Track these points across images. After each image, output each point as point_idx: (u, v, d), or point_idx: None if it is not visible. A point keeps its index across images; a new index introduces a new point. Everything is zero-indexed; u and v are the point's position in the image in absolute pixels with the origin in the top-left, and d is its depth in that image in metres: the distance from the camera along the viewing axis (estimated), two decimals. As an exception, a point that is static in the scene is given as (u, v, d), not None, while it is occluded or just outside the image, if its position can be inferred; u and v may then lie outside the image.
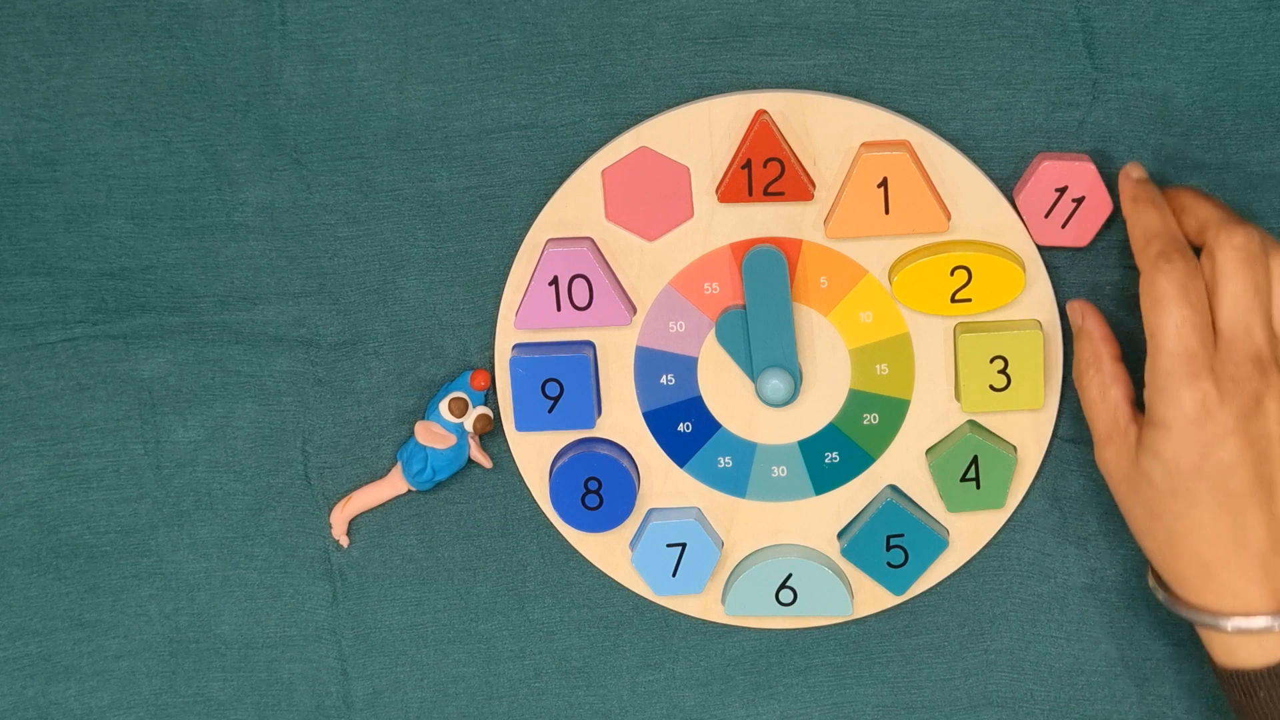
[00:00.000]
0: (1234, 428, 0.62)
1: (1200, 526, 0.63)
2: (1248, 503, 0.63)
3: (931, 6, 0.69)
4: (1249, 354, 0.63)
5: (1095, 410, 0.67)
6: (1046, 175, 0.68)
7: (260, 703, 0.79)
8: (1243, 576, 0.63)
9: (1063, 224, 0.69)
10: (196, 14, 0.70)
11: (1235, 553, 0.63)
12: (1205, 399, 0.62)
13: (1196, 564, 0.64)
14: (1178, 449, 0.63)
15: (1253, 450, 0.62)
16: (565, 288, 0.70)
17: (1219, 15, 0.68)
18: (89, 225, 0.73)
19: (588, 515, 0.73)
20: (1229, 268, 0.63)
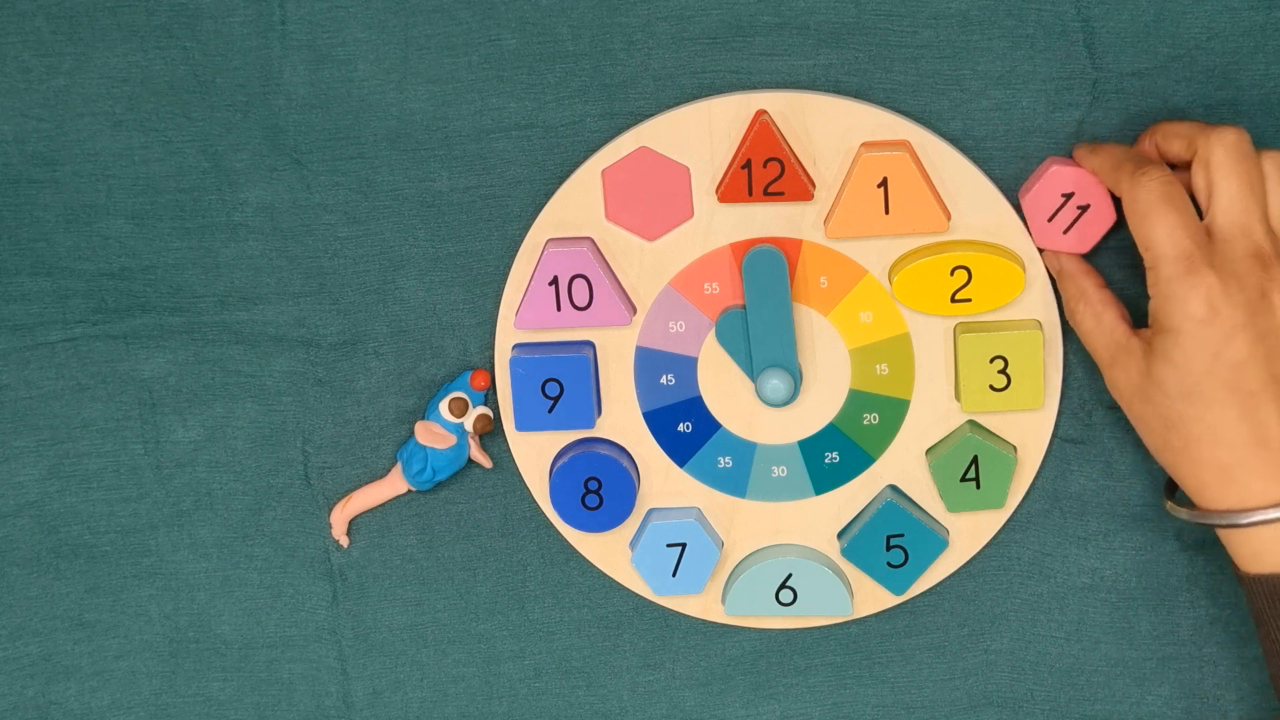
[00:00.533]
0: (1242, 323, 0.61)
1: (1217, 428, 0.62)
2: (1262, 399, 0.62)
3: (931, 6, 0.69)
4: (1249, 250, 0.62)
5: (1094, 337, 0.67)
6: (1055, 180, 0.68)
7: (260, 703, 0.79)
8: (1264, 474, 0.62)
9: (1065, 229, 0.69)
10: (196, 14, 0.70)
11: (1255, 451, 0.62)
12: (1210, 295, 0.61)
13: (1216, 468, 0.63)
14: (1189, 351, 0.62)
15: (1263, 345, 0.62)
16: (565, 288, 0.70)
17: (1219, 15, 0.68)
18: (89, 225, 0.73)
19: (588, 515, 0.73)
20: (1225, 164, 0.63)
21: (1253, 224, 0.62)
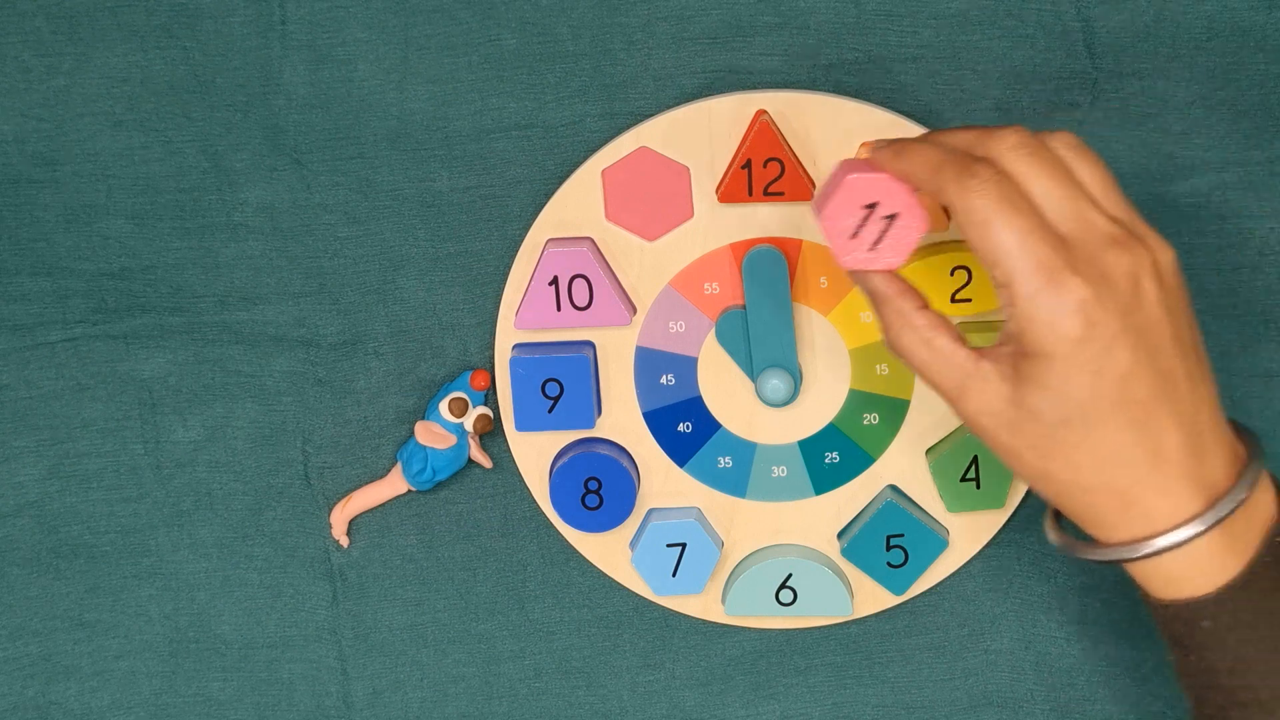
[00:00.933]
0: (1119, 329, 0.54)
1: (1108, 451, 0.55)
2: (1152, 407, 0.54)
3: (931, 6, 0.69)
4: (1101, 240, 0.54)
5: (931, 369, 0.58)
6: (853, 190, 0.59)
7: (260, 703, 0.79)
8: (1166, 490, 0.55)
9: (873, 245, 0.60)
10: (196, 14, 0.70)
11: (1152, 468, 0.55)
12: (1083, 307, 0.53)
13: (1112, 494, 0.55)
14: (1066, 374, 0.54)
15: (1145, 345, 0.54)
16: (565, 288, 0.71)
17: (1219, 15, 0.68)
18: (89, 225, 0.73)
19: (588, 515, 0.73)
20: (1021, 167, 0.55)
21: (1086, 211, 0.55)
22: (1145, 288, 0.55)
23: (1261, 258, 0.71)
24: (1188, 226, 0.71)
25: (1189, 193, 0.71)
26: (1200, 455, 0.56)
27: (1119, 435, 0.55)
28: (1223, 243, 0.71)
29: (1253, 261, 0.71)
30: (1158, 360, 0.55)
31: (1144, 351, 0.54)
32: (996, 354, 0.57)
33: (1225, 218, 0.71)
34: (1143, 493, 0.55)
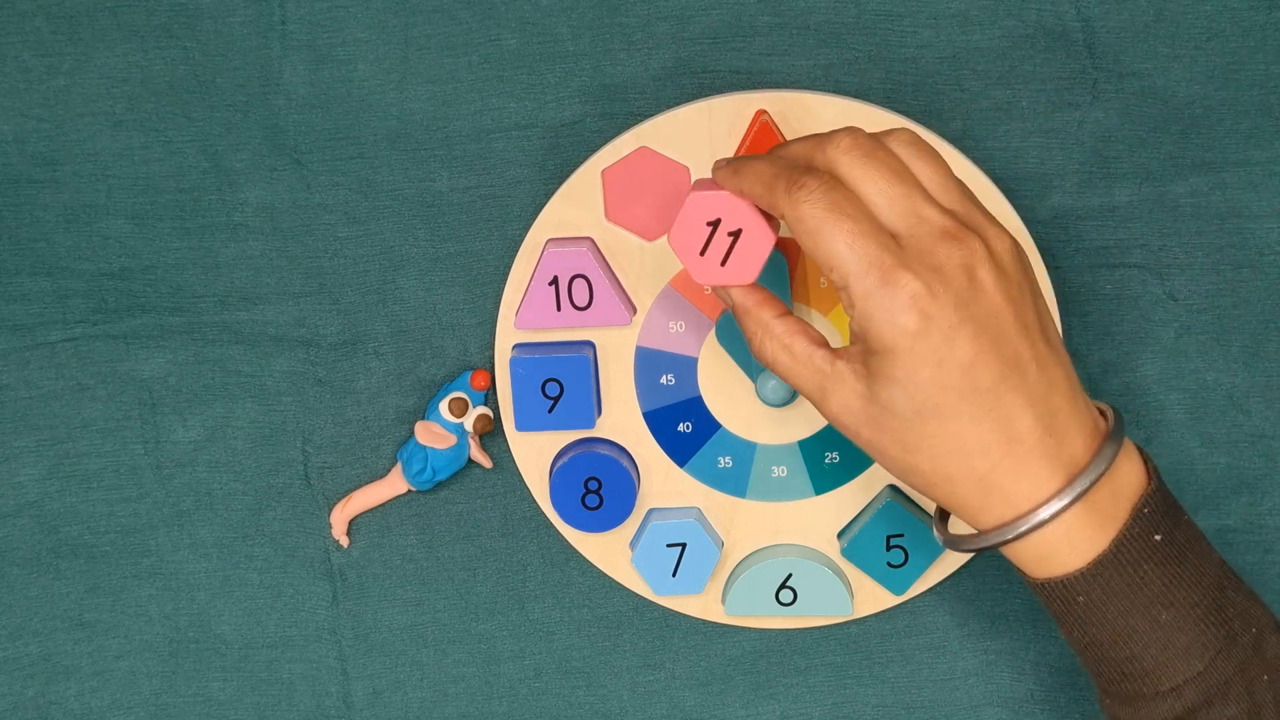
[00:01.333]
0: (957, 319, 0.55)
1: (963, 439, 0.56)
2: (1000, 393, 0.55)
3: (931, 6, 0.69)
4: (934, 234, 0.55)
5: (793, 373, 0.59)
6: (695, 209, 0.60)
7: (260, 703, 0.79)
8: (1024, 473, 0.56)
9: (722, 261, 0.61)
10: (196, 14, 0.70)
11: (1008, 451, 0.56)
12: (916, 301, 0.54)
13: (972, 481, 0.56)
14: (910, 368, 0.55)
15: (986, 334, 0.55)
16: (565, 288, 0.70)
17: (1219, 15, 0.68)
18: (89, 225, 0.73)
19: (588, 515, 0.73)
20: (855, 170, 0.56)
21: (921, 207, 0.56)
22: (981, 277, 0.55)
23: (1261, 258, 0.71)
24: (1187, 226, 0.71)
25: (1189, 193, 0.71)
26: (1056, 435, 0.56)
27: (971, 423, 0.56)
28: (1223, 243, 0.71)
29: (1253, 261, 0.71)
30: (1001, 347, 0.55)
31: (986, 340, 0.55)
32: (849, 353, 0.58)
33: (1225, 218, 0.71)
34: (1001, 477, 0.56)
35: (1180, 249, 0.72)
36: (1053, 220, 0.71)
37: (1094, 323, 0.72)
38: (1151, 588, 0.57)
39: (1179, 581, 0.58)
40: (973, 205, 0.58)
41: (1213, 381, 0.73)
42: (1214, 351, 0.73)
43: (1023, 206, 0.70)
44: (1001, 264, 0.56)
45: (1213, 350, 0.73)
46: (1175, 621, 0.58)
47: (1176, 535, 0.58)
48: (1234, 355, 0.72)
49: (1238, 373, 0.73)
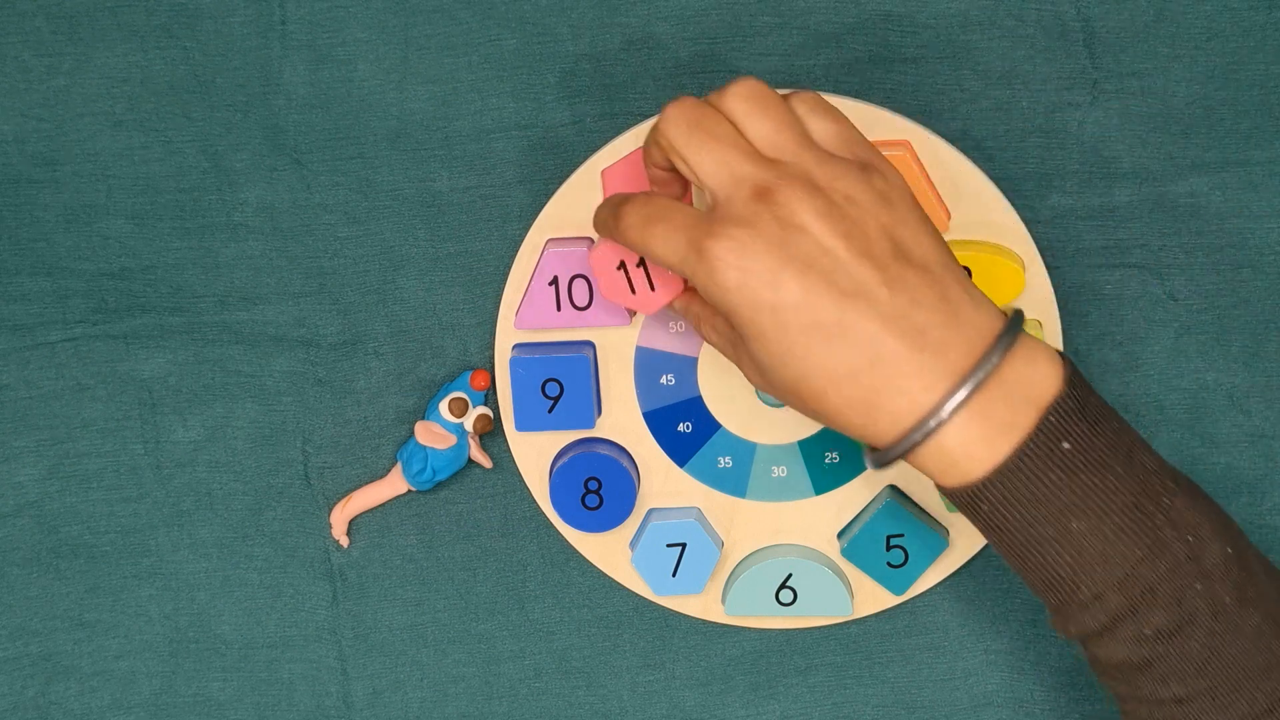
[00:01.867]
0: (777, 264, 0.56)
1: (828, 371, 0.57)
2: (850, 321, 0.56)
3: (931, 6, 0.69)
4: (746, 195, 0.57)
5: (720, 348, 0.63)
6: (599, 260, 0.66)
7: (260, 703, 0.79)
8: (900, 390, 0.57)
9: (652, 287, 0.66)
10: (196, 14, 0.70)
11: (877, 373, 0.57)
12: (727, 260, 0.56)
13: (853, 406, 0.58)
14: (749, 318, 0.57)
15: (814, 271, 0.56)
16: (565, 288, 0.70)
17: (1219, 15, 0.68)
18: (89, 225, 0.73)
19: (588, 515, 0.73)
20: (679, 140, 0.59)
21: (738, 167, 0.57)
22: (802, 221, 0.57)
23: (1261, 258, 0.71)
24: (1187, 226, 0.71)
25: (1189, 193, 0.71)
26: (930, 349, 0.57)
27: (828, 356, 0.57)
28: (1223, 243, 0.71)
29: (1253, 261, 0.71)
30: (836, 279, 0.56)
31: (814, 276, 0.56)
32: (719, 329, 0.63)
33: (1225, 218, 0.71)
34: (878, 397, 0.57)
35: (1180, 249, 0.72)
36: (1053, 220, 0.71)
37: (1094, 323, 0.72)
38: (1059, 496, 0.57)
39: (1091, 490, 0.57)
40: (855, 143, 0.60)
41: (1213, 381, 0.73)
42: (1214, 351, 0.73)
43: (1023, 206, 0.70)
44: (835, 202, 0.57)
45: (1213, 350, 0.73)
46: (1088, 530, 0.57)
47: (1095, 441, 0.58)
48: (1234, 355, 0.72)
49: (1238, 373, 0.73)
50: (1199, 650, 0.58)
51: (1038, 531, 0.58)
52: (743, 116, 0.59)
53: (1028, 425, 0.57)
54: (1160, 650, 0.58)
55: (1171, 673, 0.59)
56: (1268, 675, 0.59)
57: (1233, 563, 0.59)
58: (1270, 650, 0.59)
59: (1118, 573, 0.58)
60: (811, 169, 0.58)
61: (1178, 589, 0.58)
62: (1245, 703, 0.59)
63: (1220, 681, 0.58)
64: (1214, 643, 0.58)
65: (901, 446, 0.57)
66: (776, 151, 0.58)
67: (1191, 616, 0.58)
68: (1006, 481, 0.57)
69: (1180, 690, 0.59)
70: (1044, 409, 0.57)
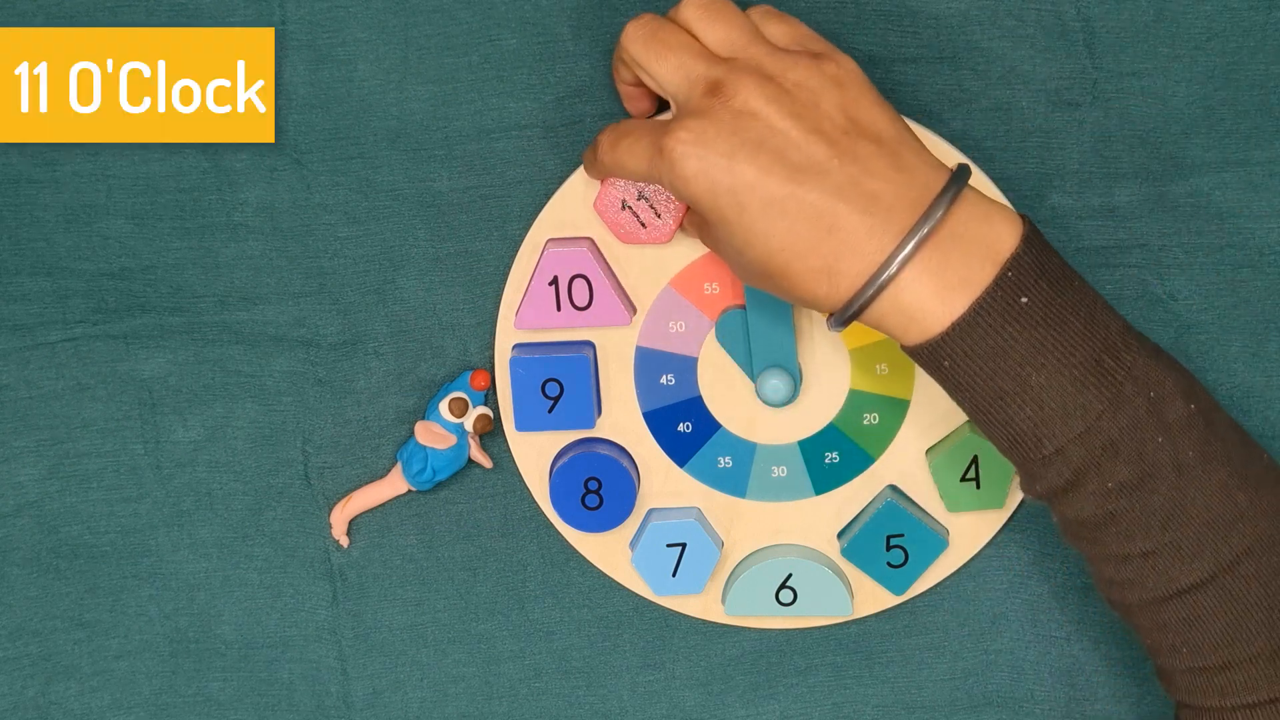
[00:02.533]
0: (730, 148, 0.59)
1: (786, 243, 0.59)
2: (802, 195, 0.59)
3: (931, 6, 0.69)
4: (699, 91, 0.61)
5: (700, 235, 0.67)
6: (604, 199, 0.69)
7: (260, 703, 0.79)
8: (855, 253, 0.59)
9: (657, 216, 0.69)
10: (196, 14, 0.70)
11: (833, 240, 0.59)
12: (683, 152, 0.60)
13: (814, 275, 0.60)
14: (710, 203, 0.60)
15: (765, 151, 0.59)
16: (565, 288, 0.70)
17: (1219, 15, 0.68)
18: (89, 225, 0.73)
19: (588, 515, 0.73)
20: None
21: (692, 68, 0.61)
22: (754, 108, 0.59)
23: (1261, 258, 0.71)
24: (1188, 226, 0.71)
25: (1189, 193, 0.71)
26: (880, 213, 0.59)
27: (785, 231, 0.59)
28: (1223, 243, 0.71)
29: (1253, 261, 0.71)
30: (788, 156, 0.59)
31: (766, 156, 0.59)
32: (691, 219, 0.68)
33: (1225, 218, 0.71)
34: (836, 262, 0.59)
35: (1180, 249, 0.72)
36: (1053, 220, 0.71)
37: (1094, 323, 0.72)
38: (1017, 350, 0.59)
39: (1050, 344, 0.59)
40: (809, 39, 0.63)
41: (1213, 381, 0.73)
42: (1214, 351, 0.73)
43: (1023, 206, 0.70)
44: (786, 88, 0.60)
45: (1213, 350, 0.73)
46: (1047, 384, 0.59)
47: (1056, 298, 0.59)
48: (1234, 355, 0.72)
49: (1238, 373, 0.73)
50: (1162, 504, 0.60)
51: (998, 385, 0.60)
52: (696, 23, 0.62)
53: (985, 280, 0.59)
54: (1124, 505, 0.60)
55: (1136, 527, 0.60)
56: (1233, 527, 0.60)
57: (1196, 419, 0.60)
58: (1235, 503, 0.60)
59: (1078, 426, 0.59)
60: (763, 61, 0.61)
61: (1139, 443, 0.59)
62: (1210, 555, 0.60)
63: (1185, 535, 0.60)
64: (1177, 496, 0.60)
65: (856, 303, 0.59)
66: (730, 50, 0.61)
67: (1154, 470, 0.60)
68: (965, 336, 0.59)
69: (1145, 544, 0.61)
70: (1001, 264, 0.59)
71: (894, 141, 0.60)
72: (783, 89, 0.60)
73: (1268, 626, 0.60)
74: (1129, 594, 0.62)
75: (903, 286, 0.59)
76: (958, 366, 0.60)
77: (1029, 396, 0.59)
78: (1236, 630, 0.60)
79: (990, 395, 0.60)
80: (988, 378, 0.59)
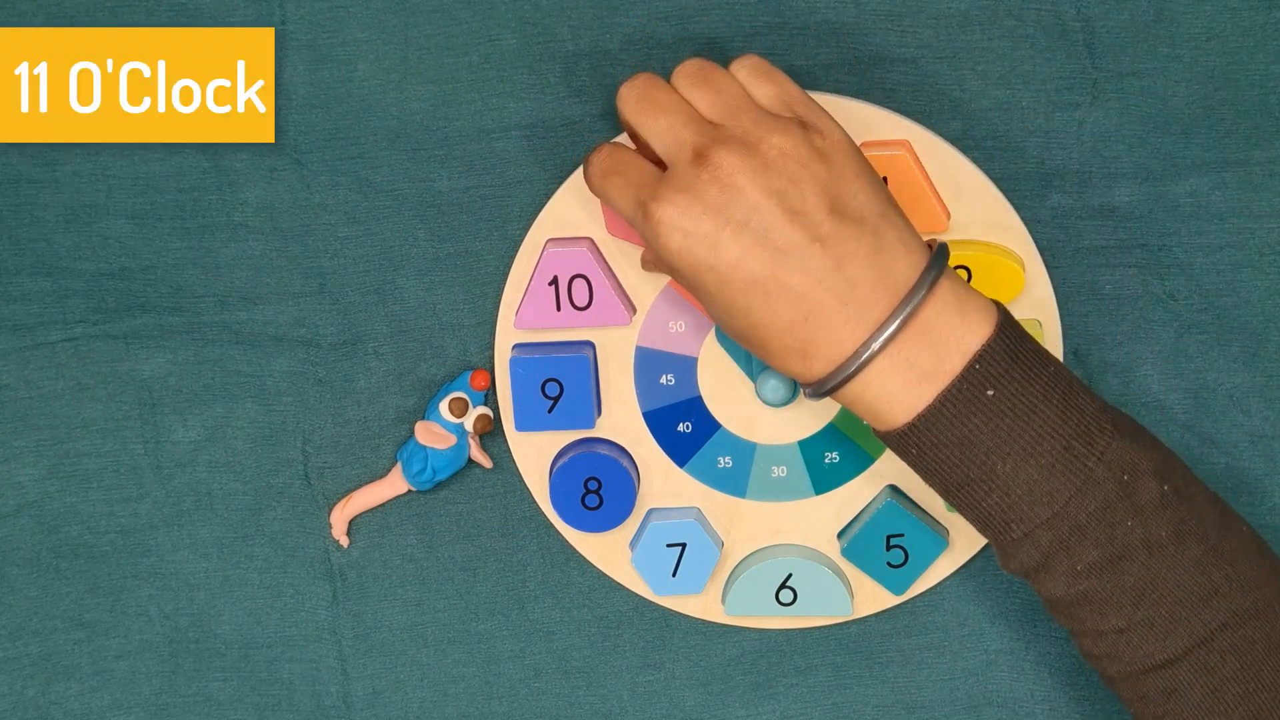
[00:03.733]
0: (714, 227, 0.59)
1: (765, 320, 0.60)
2: (782, 278, 0.59)
3: (931, 6, 0.69)
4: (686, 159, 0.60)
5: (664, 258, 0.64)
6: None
7: (260, 703, 0.79)
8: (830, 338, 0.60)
9: None
10: (196, 14, 0.70)
11: (811, 323, 0.60)
12: (671, 224, 0.60)
13: (788, 351, 0.61)
14: (695, 279, 0.60)
15: (749, 232, 0.59)
16: (565, 288, 0.70)
17: (1219, 15, 0.68)
18: (89, 225, 0.73)
19: (588, 515, 0.73)
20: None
21: (681, 132, 0.60)
22: (738, 183, 0.59)
23: (1261, 258, 0.71)
24: (1187, 226, 0.71)
25: (1189, 193, 0.71)
26: (857, 302, 0.59)
27: (765, 310, 0.60)
28: (1223, 243, 0.71)
29: (1253, 261, 0.71)
30: (770, 239, 0.59)
31: (749, 237, 0.59)
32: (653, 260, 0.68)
33: (1225, 218, 0.71)
34: (813, 346, 0.60)
35: (1180, 249, 0.72)
36: (1053, 220, 0.71)
37: (1094, 323, 0.72)
38: (983, 440, 0.60)
39: (1017, 434, 0.60)
40: (797, 102, 0.62)
41: (1213, 381, 0.73)
42: (1214, 351, 0.73)
43: (1023, 206, 0.70)
44: (770, 160, 0.59)
45: (1213, 350, 0.73)
46: (1014, 472, 0.60)
47: (1026, 387, 0.60)
48: (1234, 355, 0.72)
49: (1238, 373, 0.73)
50: (1134, 583, 0.61)
51: (965, 472, 0.60)
52: (687, 88, 0.62)
53: (952, 372, 0.59)
54: (1095, 584, 0.61)
55: (1109, 604, 0.61)
56: (1208, 603, 0.61)
57: (1170, 498, 0.61)
58: (1210, 579, 0.61)
59: (1045, 512, 0.60)
60: (749, 128, 0.60)
61: (1109, 526, 0.60)
62: (1184, 630, 0.61)
63: (1158, 612, 0.61)
64: (1149, 575, 0.60)
65: (826, 385, 0.61)
66: (718, 115, 0.61)
67: (1124, 552, 0.60)
68: (931, 427, 0.60)
69: (1119, 621, 0.61)
70: (970, 356, 0.60)
71: (876, 219, 0.60)
72: (767, 161, 0.59)
73: (1244, 699, 0.61)
74: (1109, 667, 0.63)
75: (871, 378, 0.60)
76: (924, 454, 0.61)
77: (995, 484, 0.60)
78: (1214, 703, 0.61)
79: (957, 481, 0.61)
80: (954, 466, 0.60)
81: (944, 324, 0.60)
